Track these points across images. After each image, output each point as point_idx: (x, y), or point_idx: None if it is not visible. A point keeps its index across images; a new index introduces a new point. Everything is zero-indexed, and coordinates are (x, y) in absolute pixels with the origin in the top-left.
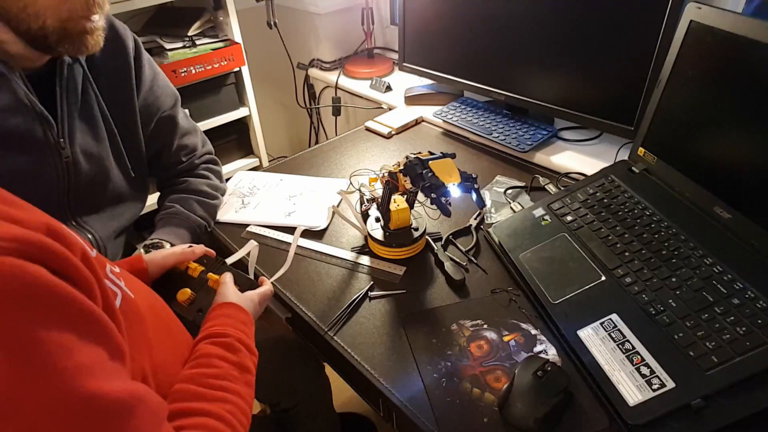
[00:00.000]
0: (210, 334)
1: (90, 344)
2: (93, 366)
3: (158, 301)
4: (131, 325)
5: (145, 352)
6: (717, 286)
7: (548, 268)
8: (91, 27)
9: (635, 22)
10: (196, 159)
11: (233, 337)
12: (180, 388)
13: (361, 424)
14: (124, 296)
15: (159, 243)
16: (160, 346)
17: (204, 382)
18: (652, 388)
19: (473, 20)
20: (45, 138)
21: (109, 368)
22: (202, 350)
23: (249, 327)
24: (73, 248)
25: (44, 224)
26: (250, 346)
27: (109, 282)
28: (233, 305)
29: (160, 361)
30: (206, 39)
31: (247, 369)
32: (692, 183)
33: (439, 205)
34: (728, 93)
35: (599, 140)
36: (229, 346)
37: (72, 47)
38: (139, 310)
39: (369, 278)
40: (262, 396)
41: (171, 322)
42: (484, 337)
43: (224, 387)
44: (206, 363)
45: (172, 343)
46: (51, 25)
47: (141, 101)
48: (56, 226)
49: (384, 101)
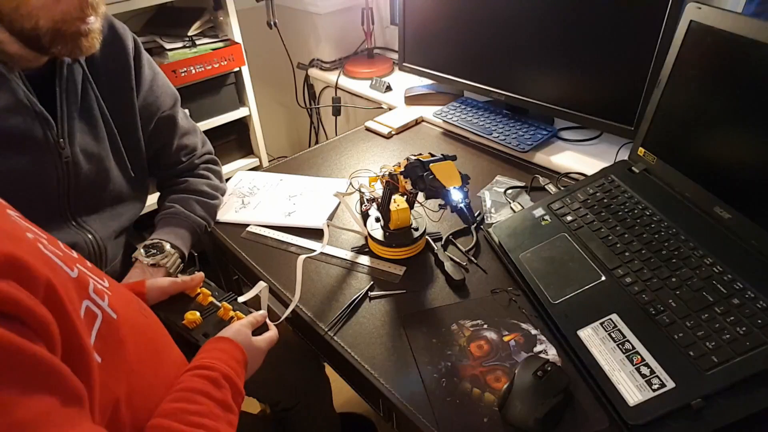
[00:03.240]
0: (198, 366)
1: (36, 395)
2: (37, 420)
3: (147, 319)
4: (109, 350)
5: (122, 376)
6: (717, 286)
7: (548, 268)
8: (85, 29)
9: (635, 22)
10: (196, 159)
11: (220, 372)
12: (159, 423)
13: (361, 424)
14: (105, 318)
15: (159, 243)
16: (142, 366)
17: (184, 419)
18: (652, 388)
19: (473, 20)
20: (45, 138)
21: (58, 418)
22: (186, 383)
23: (241, 366)
24: (35, 282)
25: (3, 257)
26: (238, 385)
27: (90, 303)
28: (229, 341)
29: (140, 384)
30: (206, 39)
31: (230, 408)
32: (692, 183)
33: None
34: (728, 93)
35: (599, 140)
36: (215, 381)
37: (65, 49)
38: (120, 332)
39: (369, 278)
40: (262, 396)
41: (158, 339)
42: (484, 337)
43: (205, 425)
44: (188, 398)
45: (158, 362)
46: (44, 26)
47: (141, 101)
48: (17, 258)
49: (384, 101)
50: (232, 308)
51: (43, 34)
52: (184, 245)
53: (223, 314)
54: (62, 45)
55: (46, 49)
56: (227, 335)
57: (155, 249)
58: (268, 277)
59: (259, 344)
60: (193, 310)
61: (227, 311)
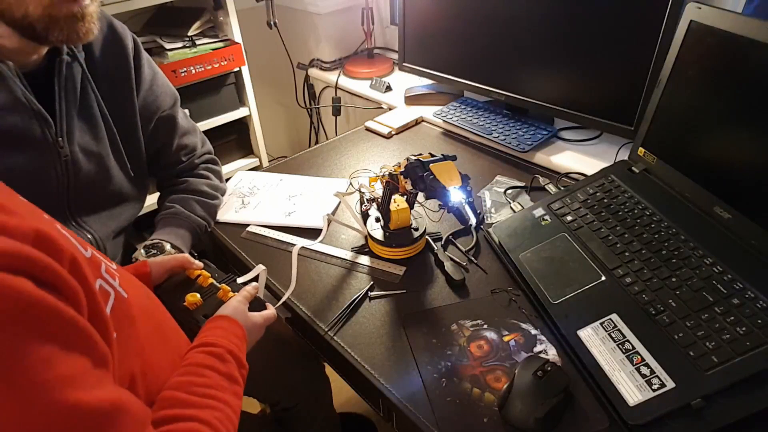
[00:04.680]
0: (202, 343)
1: (72, 355)
2: (75, 376)
3: (153, 302)
4: (122, 327)
5: (136, 353)
6: (717, 286)
7: (548, 268)
8: (79, 12)
9: (635, 22)
10: (195, 159)
11: (224, 348)
12: (169, 395)
13: (361, 424)
14: (117, 296)
15: (159, 243)
16: (151, 346)
17: (193, 390)
18: (652, 388)
19: (473, 20)
20: (43, 137)
21: (91, 377)
22: (192, 359)
23: (242, 341)
24: (62, 255)
25: (33, 231)
26: (241, 359)
27: (103, 282)
28: (228, 318)
29: (150, 362)
30: (206, 39)
31: (235, 380)
32: (692, 183)
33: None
34: (728, 93)
35: (599, 140)
36: (220, 356)
37: (62, 34)
38: (131, 310)
39: (369, 278)
40: (262, 396)
41: (164, 322)
42: (484, 337)
43: (213, 395)
44: (196, 372)
45: (164, 344)
46: (34, 13)
47: (140, 101)
48: (45, 232)
49: (384, 101)
50: (231, 290)
51: (35, 21)
52: (184, 245)
53: (222, 295)
54: (58, 30)
55: (43, 38)
56: (225, 313)
57: (155, 249)
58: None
59: (256, 319)
60: (193, 292)
61: (226, 293)
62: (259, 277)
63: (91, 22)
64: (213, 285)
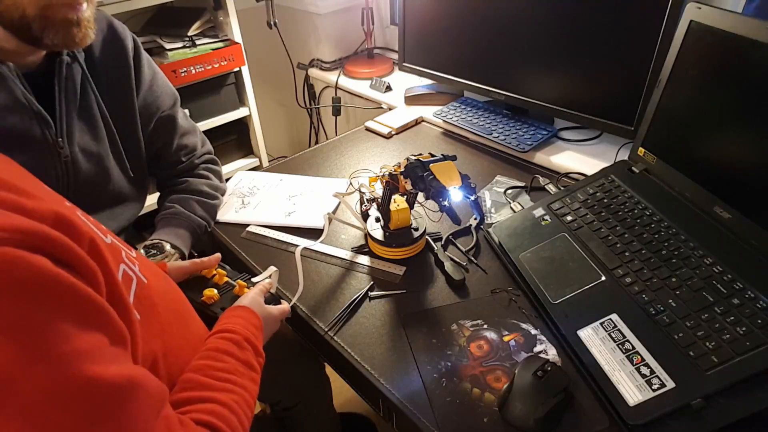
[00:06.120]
0: (220, 330)
1: (89, 330)
2: (92, 351)
3: (173, 289)
4: (145, 310)
5: (158, 335)
6: (717, 286)
7: (548, 268)
8: (75, 17)
9: (635, 22)
10: (195, 159)
11: (242, 335)
12: (188, 377)
13: (361, 424)
14: (139, 282)
15: (159, 243)
16: (172, 330)
17: (212, 374)
18: (652, 388)
19: (473, 20)
20: (43, 137)
21: (108, 353)
22: (211, 344)
23: (259, 330)
24: (81, 237)
25: (53, 213)
26: (257, 347)
27: (126, 267)
28: (246, 309)
29: (170, 344)
30: (206, 39)
31: (252, 366)
32: (692, 183)
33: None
34: (728, 93)
35: (599, 140)
36: (238, 343)
37: (57, 38)
38: (153, 295)
39: (369, 278)
40: (263, 395)
41: (184, 309)
42: (484, 337)
43: (231, 380)
44: (215, 357)
45: (185, 329)
46: (31, 14)
47: (140, 101)
48: (65, 215)
49: (384, 101)
50: (246, 285)
51: (32, 22)
52: (184, 245)
53: (238, 291)
54: (53, 34)
55: (39, 40)
56: (243, 303)
57: (156, 249)
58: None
59: (272, 311)
60: (211, 288)
61: (242, 288)
62: (272, 278)
63: (87, 28)
64: (228, 282)
